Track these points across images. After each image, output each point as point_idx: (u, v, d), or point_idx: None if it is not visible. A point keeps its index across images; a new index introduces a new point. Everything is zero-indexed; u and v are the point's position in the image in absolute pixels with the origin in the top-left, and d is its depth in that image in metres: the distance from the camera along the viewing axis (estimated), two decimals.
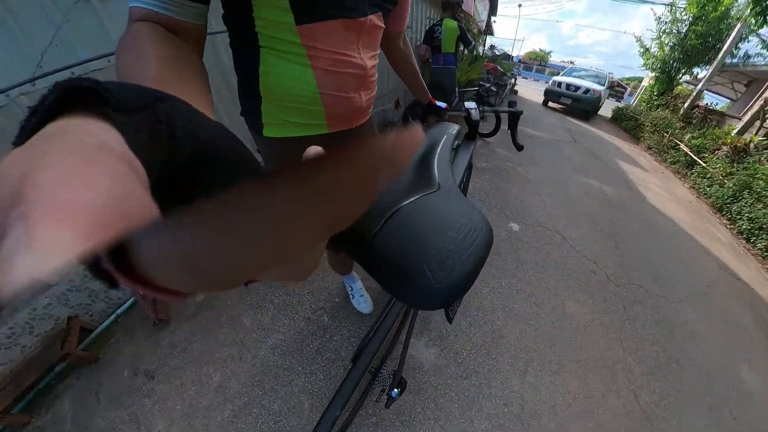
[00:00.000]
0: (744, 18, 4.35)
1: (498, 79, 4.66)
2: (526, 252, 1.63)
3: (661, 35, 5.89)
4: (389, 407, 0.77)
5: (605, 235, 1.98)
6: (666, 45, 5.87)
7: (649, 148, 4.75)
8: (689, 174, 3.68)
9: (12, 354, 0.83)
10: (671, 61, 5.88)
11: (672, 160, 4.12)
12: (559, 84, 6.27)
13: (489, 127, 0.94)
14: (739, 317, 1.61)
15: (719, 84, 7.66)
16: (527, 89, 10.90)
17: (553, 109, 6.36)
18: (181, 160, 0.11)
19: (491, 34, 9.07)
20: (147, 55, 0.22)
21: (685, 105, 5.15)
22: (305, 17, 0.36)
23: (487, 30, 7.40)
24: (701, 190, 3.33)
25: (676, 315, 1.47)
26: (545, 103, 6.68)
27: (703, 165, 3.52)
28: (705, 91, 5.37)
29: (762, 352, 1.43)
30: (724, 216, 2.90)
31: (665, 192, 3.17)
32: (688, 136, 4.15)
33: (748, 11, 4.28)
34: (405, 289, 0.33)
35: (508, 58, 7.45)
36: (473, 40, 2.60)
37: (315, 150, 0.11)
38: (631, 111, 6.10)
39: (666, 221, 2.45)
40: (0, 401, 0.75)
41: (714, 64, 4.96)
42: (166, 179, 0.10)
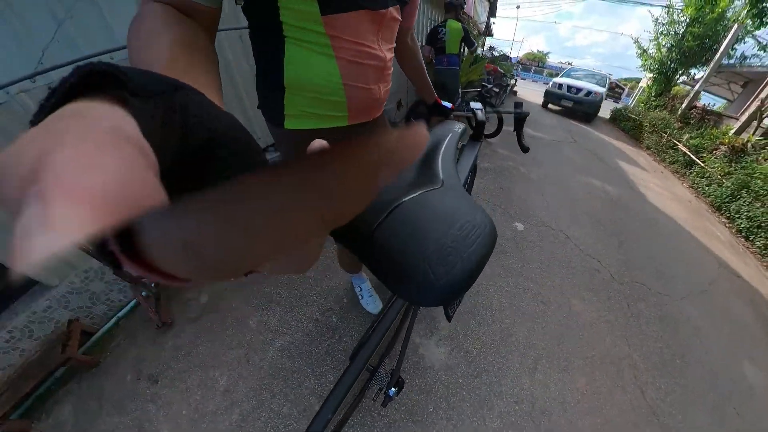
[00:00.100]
0: (741, 20, 4.40)
1: (499, 80, 4.68)
2: (531, 251, 1.64)
3: (659, 36, 5.95)
4: (386, 406, 0.76)
5: (608, 234, 1.99)
6: (663, 46, 5.93)
7: (648, 148, 4.78)
8: (688, 174, 3.72)
9: (11, 358, 0.82)
10: (669, 62, 5.93)
11: (671, 160, 4.15)
12: (560, 86, 6.04)
13: (491, 128, 0.94)
14: (740, 314, 1.63)
15: (716, 85, 7.75)
16: (526, 90, 10.96)
17: (552, 111, 6.32)
18: (192, 148, 0.11)
19: (490, 35, 9.12)
20: (160, 39, 0.21)
21: (683, 106, 5.20)
22: (330, 7, 0.37)
23: (487, 31, 7.44)
24: (700, 189, 3.36)
25: (678, 312, 1.49)
26: (545, 105, 6.51)
27: (702, 165, 3.55)
28: (702, 92, 5.43)
29: (763, 348, 1.45)
30: (722, 215, 2.93)
31: (665, 191, 3.20)
32: (686, 136, 4.19)
33: (744, 13, 4.33)
34: (404, 285, 0.33)
35: (506, 59, 7.51)
36: (475, 41, 2.61)
37: (319, 143, 0.11)
38: (630, 112, 6.14)
39: (667, 220, 2.48)
40: (0, 406, 0.73)
41: (711, 65, 5.01)
42: (176, 167, 0.10)
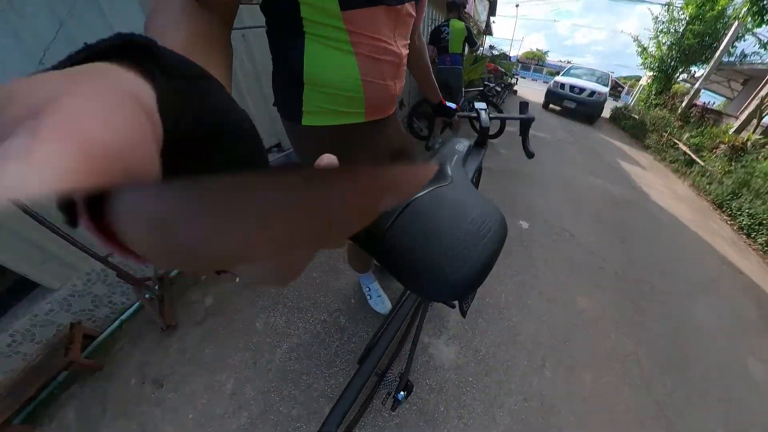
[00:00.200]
0: (741, 17, 4.40)
1: (499, 80, 4.67)
2: (536, 249, 1.65)
3: (659, 34, 5.95)
4: (395, 410, 0.75)
5: (611, 232, 2.00)
6: (663, 44, 5.93)
7: (649, 147, 4.78)
8: (689, 172, 3.73)
9: (12, 362, 0.81)
10: (669, 60, 5.95)
11: (671, 158, 4.16)
12: (562, 85, 5.73)
13: (494, 128, 0.93)
14: (744, 310, 1.63)
15: (716, 82, 7.77)
16: (525, 89, 10.97)
17: (553, 111, 6.16)
18: (202, 136, 0.11)
19: (490, 34, 9.11)
20: (177, 29, 0.21)
21: (683, 104, 5.22)
22: (350, 2, 0.37)
23: (487, 30, 7.43)
24: (701, 187, 3.37)
25: (682, 309, 1.50)
26: (546, 106, 6.24)
27: (702, 164, 3.56)
28: (702, 90, 5.45)
29: (767, 344, 1.45)
30: (724, 212, 2.93)
31: (666, 189, 3.21)
32: (686, 135, 4.21)
33: (744, 10, 4.33)
34: (419, 281, 0.33)
35: (506, 58, 7.53)
36: (477, 41, 2.61)
37: (328, 159, 0.11)
38: (630, 110, 6.14)
39: (669, 218, 2.48)
40: (1, 412, 0.72)
41: (711, 63, 5.03)
42: (180, 150, 0.10)
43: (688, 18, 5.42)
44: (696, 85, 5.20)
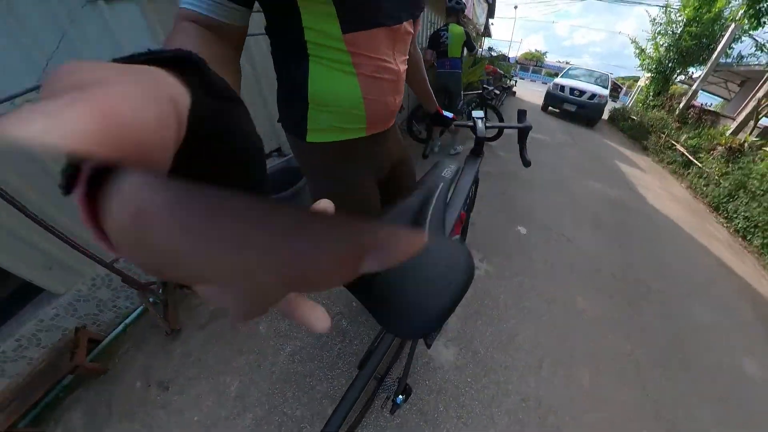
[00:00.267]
0: (738, 20, 4.44)
1: (498, 82, 4.69)
2: (534, 253, 1.67)
3: (656, 36, 5.99)
4: (393, 413, 0.77)
5: (608, 235, 2.02)
6: (661, 46, 5.97)
7: (647, 149, 4.81)
8: (686, 174, 3.75)
9: (18, 367, 0.82)
10: (666, 62, 5.98)
11: (669, 160, 4.18)
12: (561, 88, 5.54)
13: (491, 131, 0.94)
14: (739, 311, 1.66)
15: (713, 84, 7.82)
16: (524, 90, 10.98)
17: (552, 114, 6.11)
18: (221, 152, 0.12)
19: (489, 35, 9.16)
20: (195, 51, 0.23)
21: (681, 105, 5.25)
22: (351, 26, 0.38)
23: (485, 32, 7.47)
24: (698, 189, 3.40)
25: (679, 310, 1.52)
26: (545, 108, 6.11)
27: (699, 165, 3.59)
28: (699, 91, 5.48)
29: (763, 344, 1.47)
30: (720, 214, 2.95)
31: (664, 192, 3.24)
32: (684, 136, 4.23)
33: (741, 12, 4.37)
34: (387, 319, 0.38)
35: (505, 59, 7.58)
36: (475, 45, 2.63)
37: (325, 204, 0.12)
38: (628, 112, 6.16)
39: (666, 221, 2.51)
40: (8, 416, 0.73)
41: (708, 64, 5.06)
42: (193, 158, 0.10)
43: (685, 20, 5.46)
44: (693, 87, 5.23)
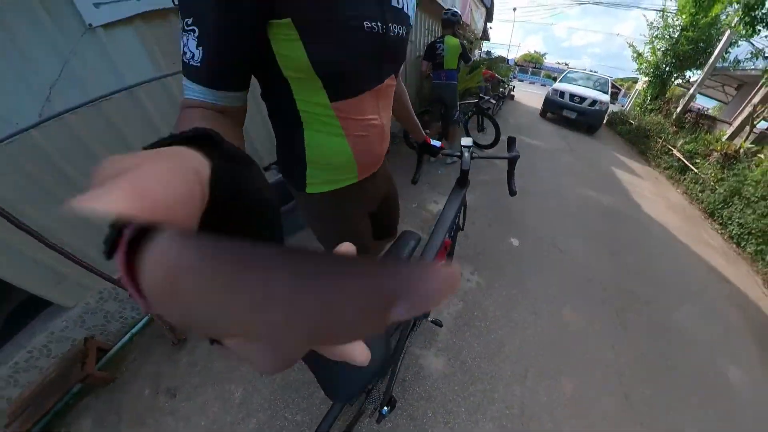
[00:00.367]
0: (734, 27, 4.47)
1: (497, 86, 4.74)
2: (526, 265, 1.71)
3: (654, 40, 6.04)
4: (379, 423, 0.83)
5: (601, 245, 2.06)
6: (658, 50, 6.01)
7: (643, 153, 4.83)
8: (682, 179, 3.77)
9: (30, 376, 0.86)
10: (664, 66, 6.02)
11: (666, 165, 4.21)
12: (561, 93, 5.28)
13: (488, 139, 0.98)
14: (729, 319, 1.68)
15: (710, 87, 7.82)
16: (523, 93, 10.92)
17: (550, 119, 5.98)
18: (239, 209, 0.14)
19: (487, 39, 9.25)
20: (205, 125, 0.27)
21: (678, 110, 5.28)
22: (337, 95, 0.44)
23: (484, 36, 7.55)
24: (693, 195, 3.42)
25: (667, 319, 1.55)
26: (543, 114, 5.88)
27: (695, 171, 3.62)
28: (696, 94, 5.51)
29: (749, 352, 1.50)
30: (715, 221, 2.98)
31: (660, 198, 3.26)
32: (681, 141, 4.26)
33: (736, 19, 4.41)
34: (323, 384, 0.53)
35: (504, 60, 7.61)
36: (471, 57, 2.69)
37: (346, 247, 0.12)
38: (626, 115, 6.19)
39: (660, 229, 2.54)
40: (22, 423, 0.76)
41: (705, 69, 5.09)
42: (217, 217, 0.12)
43: (682, 24, 5.50)
44: (690, 91, 5.26)
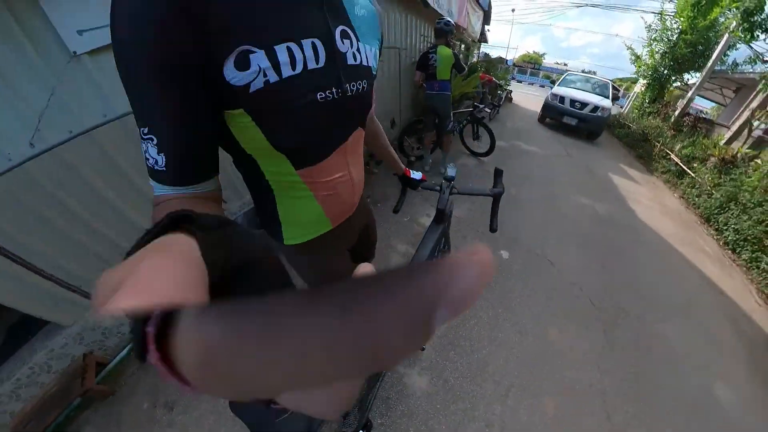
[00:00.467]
0: (732, 32, 4.45)
1: (495, 91, 4.72)
2: (514, 281, 1.70)
3: (652, 43, 6.02)
4: None
5: (593, 257, 2.05)
6: (656, 53, 6.00)
7: (641, 157, 4.81)
8: (679, 184, 3.77)
9: (32, 391, 0.90)
10: (662, 69, 6.00)
11: (663, 169, 4.19)
12: (561, 99, 4.97)
13: (484, 147, 0.95)
14: (719, 332, 1.66)
15: (709, 90, 7.77)
16: (522, 95, 10.90)
17: (548, 125, 5.61)
18: (233, 268, 0.14)
19: (485, 41, 9.26)
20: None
21: (676, 113, 5.26)
22: (302, 164, 0.45)
23: (481, 38, 7.57)
24: (690, 200, 3.41)
25: (655, 335, 1.54)
26: (542, 120, 5.62)
27: (692, 175, 3.61)
28: (695, 97, 5.48)
29: (737, 365, 1.48)
30: (711, 226, 2.96)
31: (656, 204, 3.24)
32: (678, 145, 4.24)
33: (734, 24, 4.39)
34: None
35: (502, 61, 7.56)
36: (465, 67, 2.69)
37: (364, 269, 0.12)
38: (624, 118, 6.17)
39: (654, 237, 2.52)
40: None
41: (703, 73, 5.07)
42: (221, 281, 0.12)
43: (680, 27, 5.49)
44: (689, 94, 5.25)
